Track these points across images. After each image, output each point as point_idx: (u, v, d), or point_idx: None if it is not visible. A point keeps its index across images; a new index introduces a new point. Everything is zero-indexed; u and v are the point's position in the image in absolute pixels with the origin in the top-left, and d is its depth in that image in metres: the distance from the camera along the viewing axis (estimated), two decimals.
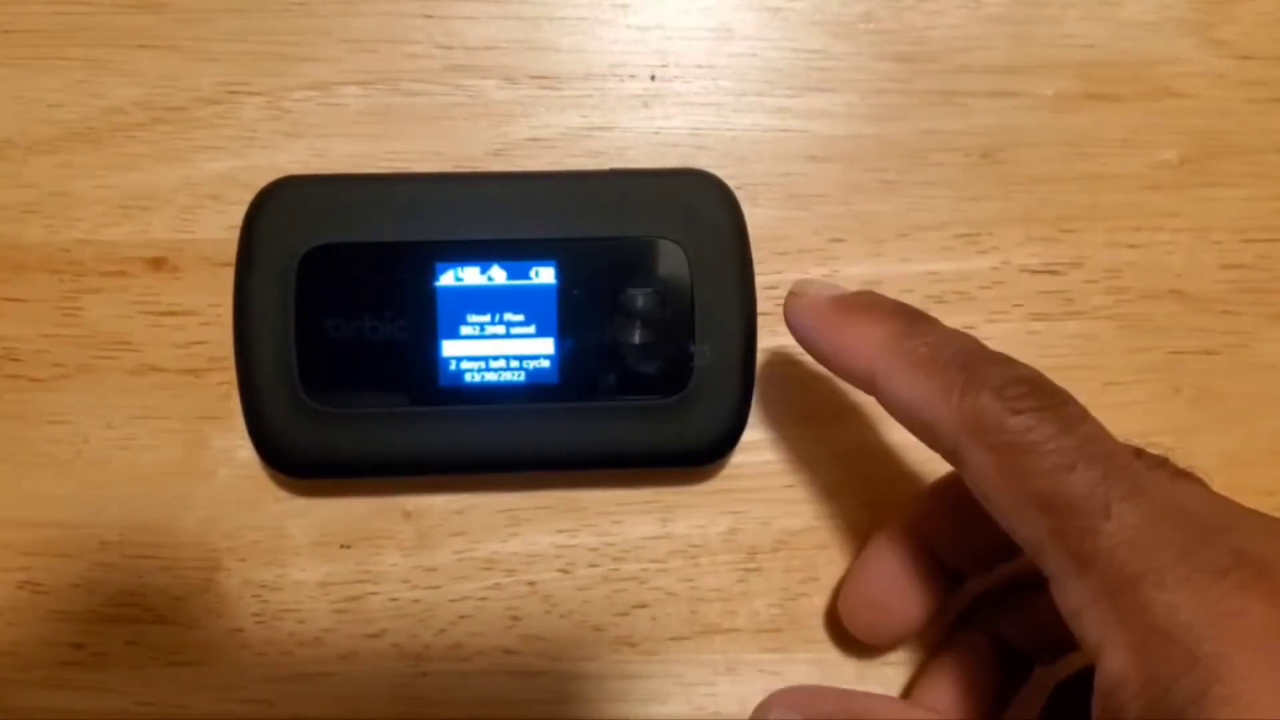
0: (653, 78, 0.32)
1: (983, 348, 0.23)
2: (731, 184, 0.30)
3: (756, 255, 0.29)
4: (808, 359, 0.27)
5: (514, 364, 0.29)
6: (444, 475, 0.31)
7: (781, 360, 0.32)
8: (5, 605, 0.30)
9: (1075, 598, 0.20)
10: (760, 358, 0.30)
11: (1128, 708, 0.18)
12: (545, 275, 0.29)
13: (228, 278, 0.29)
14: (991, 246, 0.32)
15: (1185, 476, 0.23)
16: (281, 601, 0.31)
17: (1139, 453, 0.24)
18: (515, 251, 0.29)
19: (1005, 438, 0.21)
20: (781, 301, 0.32)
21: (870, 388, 0.24)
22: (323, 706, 0.31)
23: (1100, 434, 0.21)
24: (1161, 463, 0.24)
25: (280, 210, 0.28)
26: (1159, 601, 0.19)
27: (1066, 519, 0.20)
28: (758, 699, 0.28)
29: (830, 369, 0.25)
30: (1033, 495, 0.20)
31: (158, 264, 0.31)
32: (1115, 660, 0.19)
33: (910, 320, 0.24)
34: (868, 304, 0.25)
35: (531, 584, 0.31)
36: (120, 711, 0.30)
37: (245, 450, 0.30)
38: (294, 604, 0.31)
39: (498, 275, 0.29)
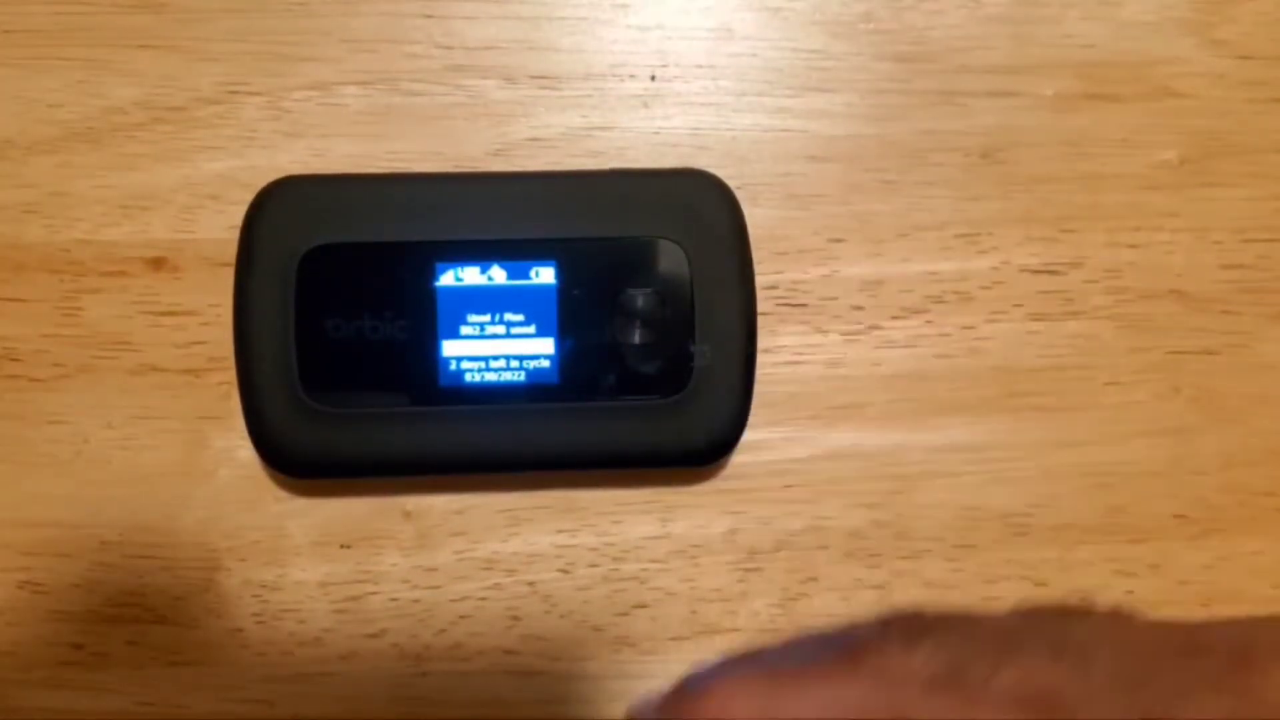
0: (653, 78, 0.32)
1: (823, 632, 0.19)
2: (731, 184, 0.30)
3: (756, 255, 0.29)
4: (808, 358, 0.27)
5: (514, 364, 0.29)
6: (444, 475, 0.31)
7: (782, 360, 0.32)
8: (5, 605, 0.30)
9: None
10: (760, 358, 0.30)
11: None
12: (545, 275, 0.29)
13: (228, 278, 0.29)
14: (991, 246, 0.32)
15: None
16: (281, 601, 0.31)
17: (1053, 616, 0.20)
18: (515, 251, 0.29)
19: (924, 674, 0.17)
20: (782, 301, 0.32)
21: None
22: (323, 706, 0.31)
23: (992, 620, 0.18)
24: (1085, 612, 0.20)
25: (280, 210, 0.28)
26: None
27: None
28: None
29: None
30: (992, 705, 0.17)
31: (158, 264, 0.31)
32: None
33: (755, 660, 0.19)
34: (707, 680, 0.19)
35: (531, 584, 0.31)
36: (120, 711, 0.30)
37: (245, 450, 0.30)
38: (294, 604, 0.31)
39: (498, 275, 0.29)
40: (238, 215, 0.29)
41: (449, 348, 0.28)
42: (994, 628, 0.18)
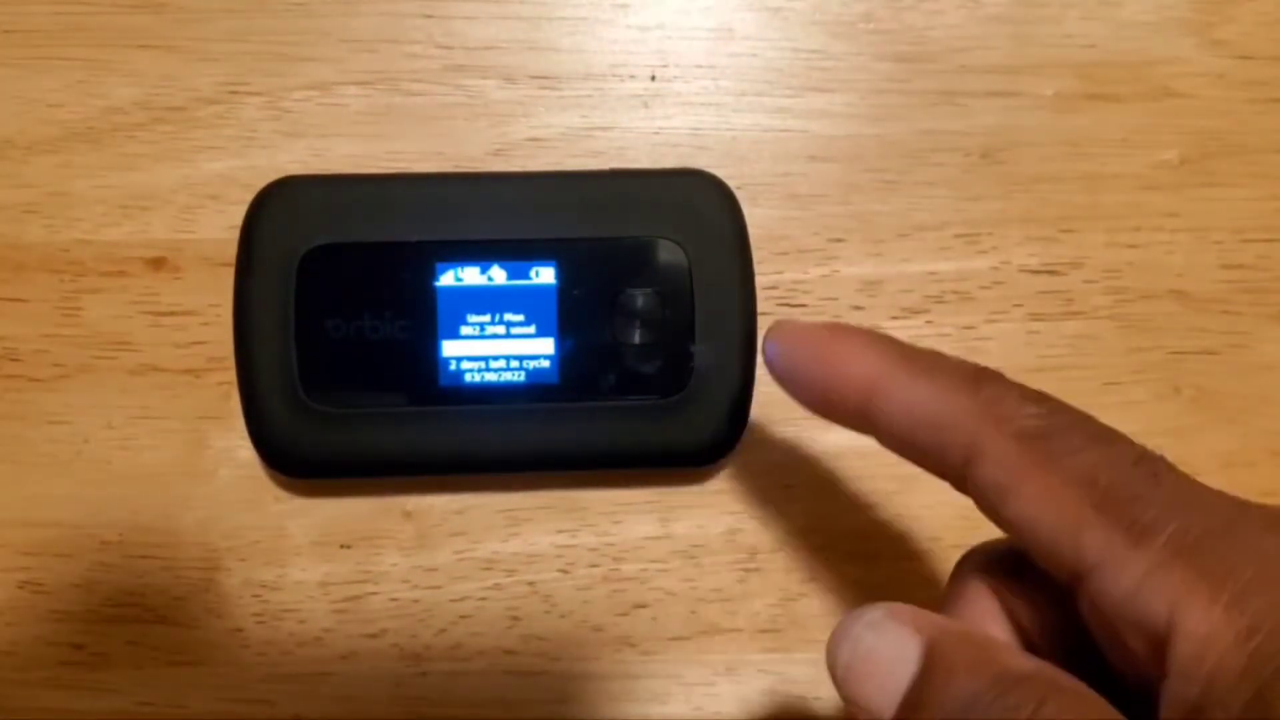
0: (653, 78, 0.32)
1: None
2: (731, 184, 0.30)
3: (756, 255, 0.29)
4: None
5: (514, 364, 0.29)
6: (444, 475, 0.31)
7: None
8: (5, 605, 0.30)
9: (1133, 571, 0.18)
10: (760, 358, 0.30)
11: (1225, 667, 0.16)
12: (545, 275, 0.29)
13: (228, 278, 0.29)
14: (991, 246, 0.32)
15: None
16: (281, 601, 0.31)
17: None
18: (515, 251, 0.29)
19: (1029, 422, 0.19)
20: (782, 301, 0.32)
21: (865, 402, 0.21)
22: (323, 706, 0.31)
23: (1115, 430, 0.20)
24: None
25: (280, 210, 0.28)
26: (1240, 549, 0.17)
27: (1110, 490, 0.18)
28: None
29: (815, 392, 0.22)
30: (1068, 473, 0.19)
31: (158, 264, 0.31)
32: (1198, 620, 0.17)
33: (903, 343, 0.22)
34: (855, 327, 0.23)
35: (531, 584, 0.31)
36: (120, 711, 0.30)
37: (245, 450, 0.30)
38: (294, 604, 0.31)
39: (498, 275, 0.29)
40: (238, 215, 0.29)
41: (449, 348, 0.28)
42: (1102, 429, 0.20)
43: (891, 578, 0.32)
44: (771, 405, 0.32)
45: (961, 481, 0.20)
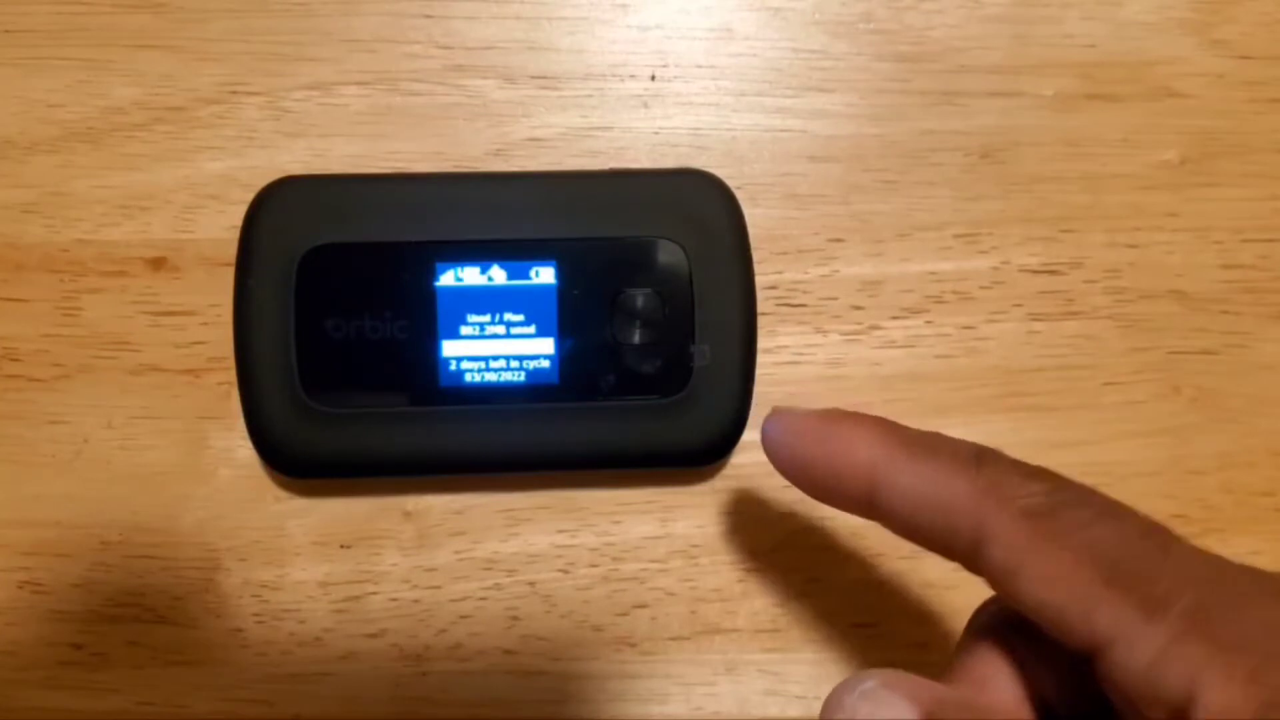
0: (653, 78, 0.32)
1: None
2: (731, 184, 0.30)
3: (756, 255, 0.29)
4: (808, 358, 0.27)
5: (514, 364, 0.29)
6: (444, 475, 0.31)
7: (782, 360, 0.32)
8: (5, 605, 0.30)
9: (1149, 646, 0.18)
10: (760, 358, 0.30)
11: None
12: (545, 275, 0.29)
13: (228, 278, 0.29)
14: (991, 246, 0.32)
15: None
16: (281, 601, 0.31)
17: None
18: (515, 251, 0.29)
19: (1033, 501, 0.19)
20: (782, 301, 0.32)
21: (869, 489, 0.21)
22: (323, 706, 0.31)
23: (1120, 502, 0.20)
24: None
25: (280, 210, 0.28)
26: (1255, 621, 0.17)
27: (1120, 565, 0.18)
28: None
29: (817, 482, 0.22)
30: (1076, 550, 0.19)
31: (158, 264, 0.31)
32: (1219, 694, 0.17)
33: (902, 426, 0.22)
34: (853, 413, 0.23)
35: (531, 584, 0.31)
36: (120, 711, 0.30)
37: (245, 450, 0.30)
38: (294, 604, 0.31)
39: (498, 275, 0.29)
40: (238, 215, 0.29)
41: (449, 348, 0.28)
42: (1107, 502, 0.20)
43: (891, 578, 0.32)
44: (771, 405, 0.32)
45: (972, 564, 0.20)
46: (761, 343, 0.30)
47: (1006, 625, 0.21)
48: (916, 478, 0.21)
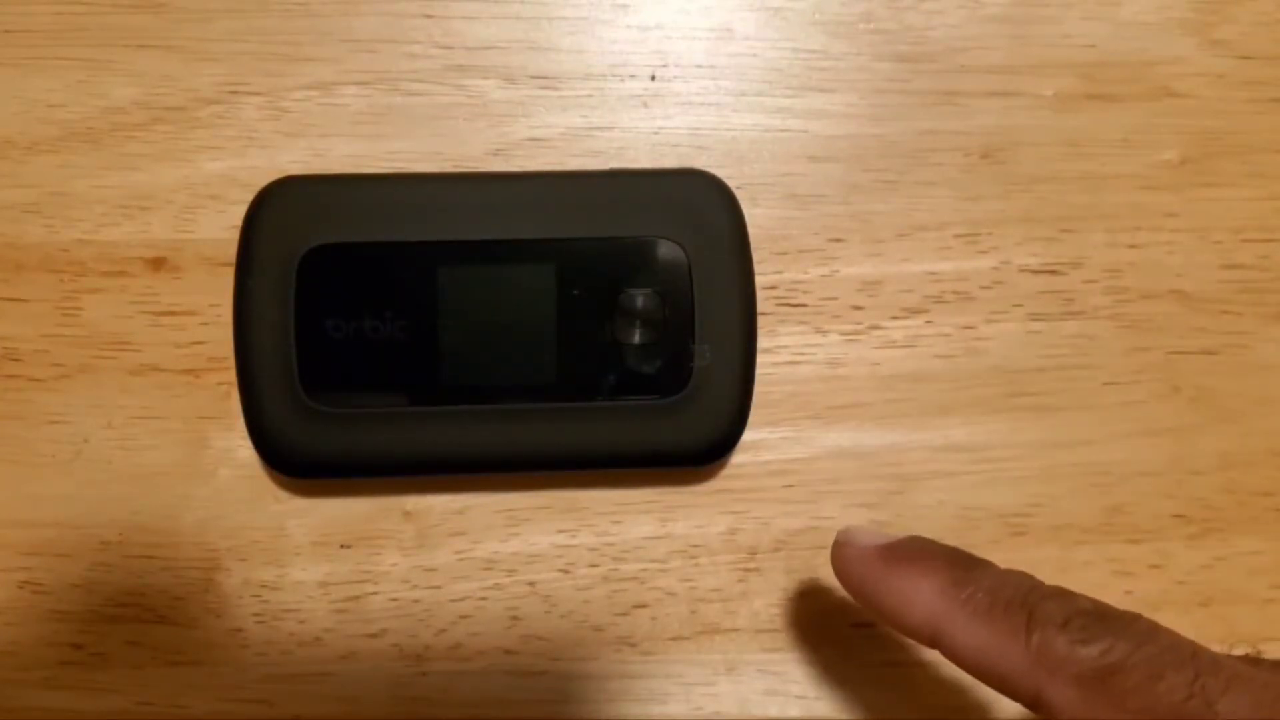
0: (653, 78, 0.32)
1: (1039, 584, 0.22)
2: (731, 184, 0.30)
3: (756, 255, 0.29)
4: (808, 358, 0.27)
5: (514, 364, 0.29)
6: (444, 475, 0.31)
7: (781, 360, 0.32)
8: (5, 605, 0.30)
9: None
10: (760, 358, 0.30)
11: None
12: (545, 275, 0.29)
13: (228, 278, 0.29)
14: (991, 246, 0.32)
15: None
16: (281, 601, 0.31)
17: (1227, 656, 0.23)
18: (515, 251, 0.29)
19: (1084, 667, 0.20)
20: (782, 301, 0.32)
21: (933, 642, 0.23)
22: (323, 706, 0.31)
23: (1179, 640, 0.21)
24: (1254, 660, 0.23)
25: (280, 210, 0.28)
26: None
27: None
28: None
29: (886, 624, 0.24)
30: (1128, 715, 0.20)
31: (158, 264, 0.31)
32: None
33: (962, 567, 0.23)
34: (916, 553, 0.24)
35: (531, 584, 0.31)
36: (120, 711, 0.30)
37: (245, 450, 0.30)
38: (294, 604, 0.31)
39: (498, 275, 0.29)
40: (238, 215, 0.29)
41: (449, 348, 0.28)
42: (1154, 655, 0.20)
43: None
44: (771, 405, 0.32)
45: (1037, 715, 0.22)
46: (761, 343, 0.30)
47: None
48: (973, 640, 0.22)
